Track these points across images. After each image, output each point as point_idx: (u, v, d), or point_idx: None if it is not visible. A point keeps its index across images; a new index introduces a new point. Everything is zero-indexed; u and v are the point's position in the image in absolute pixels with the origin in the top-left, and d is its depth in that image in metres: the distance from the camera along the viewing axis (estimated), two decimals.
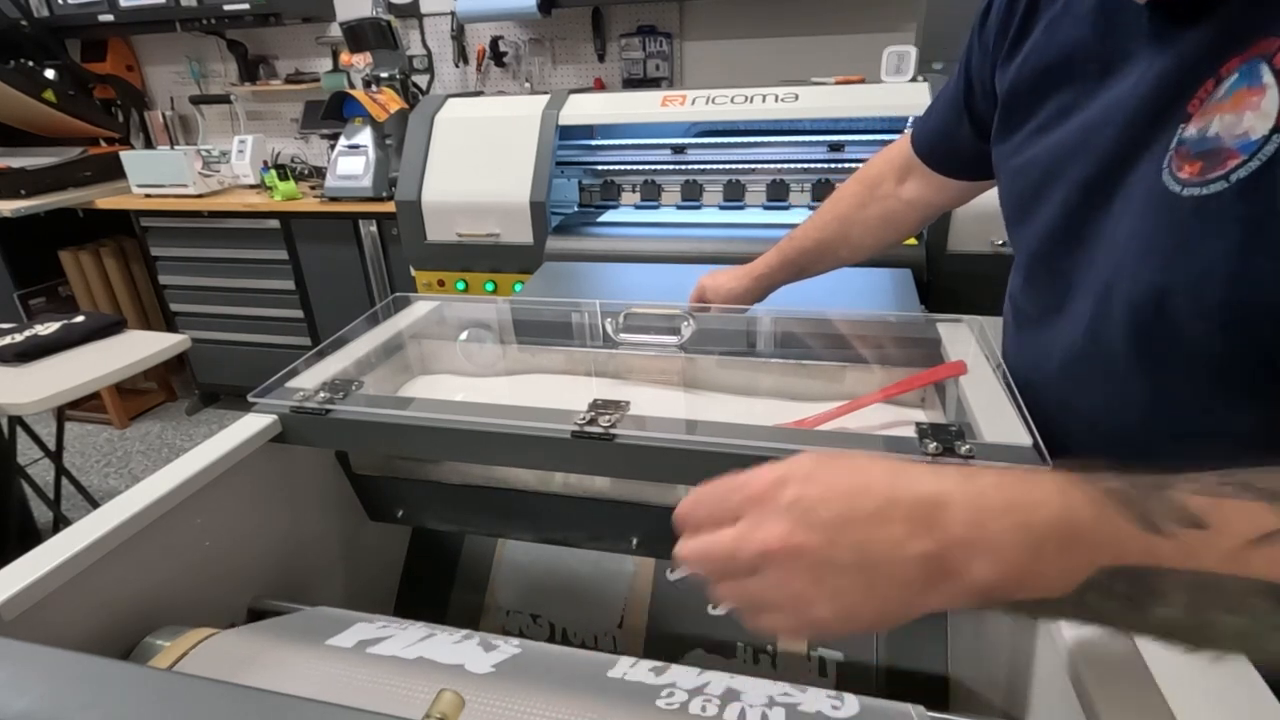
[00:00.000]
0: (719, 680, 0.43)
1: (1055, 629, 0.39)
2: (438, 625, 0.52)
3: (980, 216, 1.35)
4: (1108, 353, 0.50)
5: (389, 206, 2.22)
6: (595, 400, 0.62)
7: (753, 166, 1.61)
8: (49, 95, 2.60)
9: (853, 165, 1.55)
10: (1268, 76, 0.39)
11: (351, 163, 2.25)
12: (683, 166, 1.65)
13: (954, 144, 0.75)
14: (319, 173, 2.71)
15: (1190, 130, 0.44)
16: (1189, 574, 0.28)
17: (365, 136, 2.23)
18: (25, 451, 1.93)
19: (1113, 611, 0.29)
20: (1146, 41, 0.48)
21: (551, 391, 0.79)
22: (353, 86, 2.74)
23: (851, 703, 0.42)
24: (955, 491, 0.31)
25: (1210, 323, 0.43)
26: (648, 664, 0.45)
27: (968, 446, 0.52)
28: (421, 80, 2.78)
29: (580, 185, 1.74)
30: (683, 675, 0.44)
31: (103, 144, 2.91)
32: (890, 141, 1.50)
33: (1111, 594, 0.29)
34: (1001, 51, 0.62)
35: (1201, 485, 0.29)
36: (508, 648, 0.47)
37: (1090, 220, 0.52)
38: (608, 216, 1.65)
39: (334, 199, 2.29)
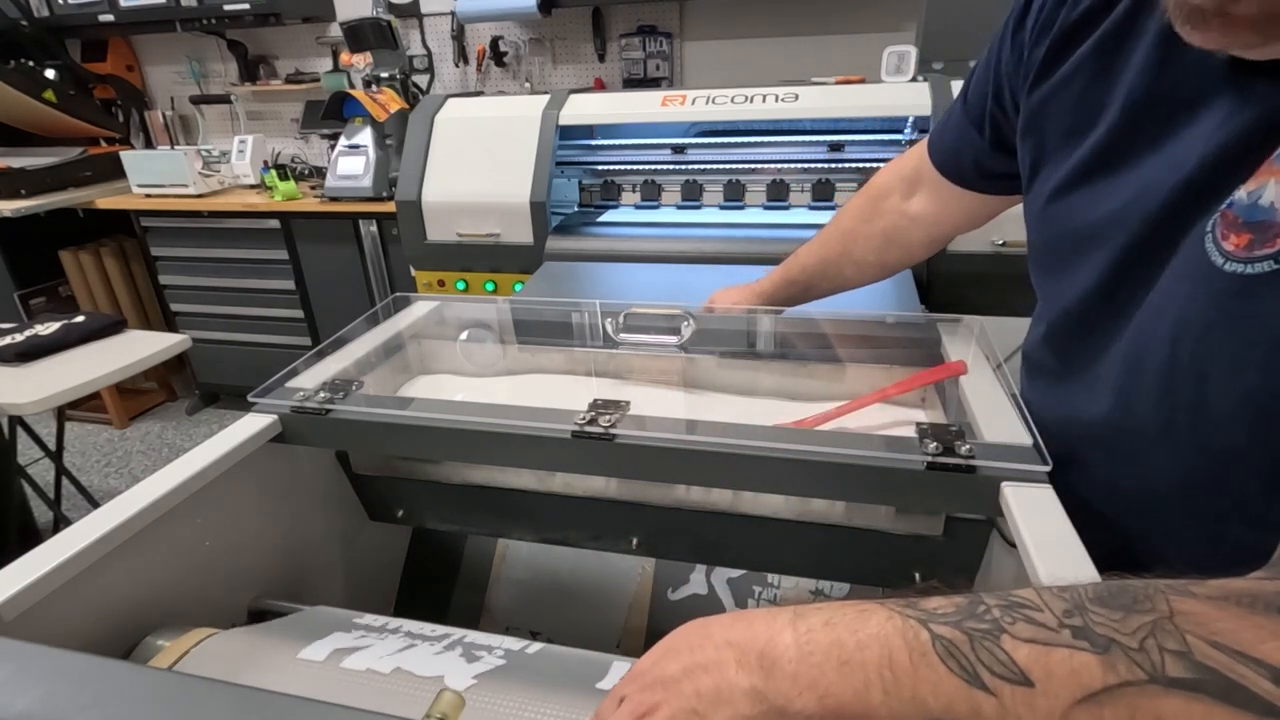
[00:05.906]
0: None
1: None
2: (428, 626, 0.52)
3: None
4: (1138, 423, 0.47)
5: (389, 206, 2.22)
6: (595, 400, 0.62)
7: (753, 166, 1.61)
8: (49, 95, 2.60)
9: (852, 165, 1.55)
10: None
11: (351, 163, 2.25)
12: (683, 166, 1.65)
13: (974, 153, 0.67)
14: (319, 173, 2.71)
15: (1241, 193, 0.39)
16: None
17: (365, 136, 2.22)
18: (25, 451, 1.93)
19: None
20: (1221, 89, 0.42)
21: (551, 391, 0.79)
22: (353, 86, 2.74)
23: None
24: (785, 630, 0.32)
25: (1242, 410, 0.40)
26: None
27: (968, 446, 0.52)
28: (421, 80, 2.78)
29: (580, 185, 1.74)
30: None
31: (103, 144, 2.91)
32: (890, 141, 1.53)
33: None
34: (1035, 63, 0.55)
35: (1036, 631, 0.28)
36: (491, 659, 0.46)
37: (1131, 282, 0.47)
38: (608, 216, 1.65)
39: (334, 199, 2.29)
